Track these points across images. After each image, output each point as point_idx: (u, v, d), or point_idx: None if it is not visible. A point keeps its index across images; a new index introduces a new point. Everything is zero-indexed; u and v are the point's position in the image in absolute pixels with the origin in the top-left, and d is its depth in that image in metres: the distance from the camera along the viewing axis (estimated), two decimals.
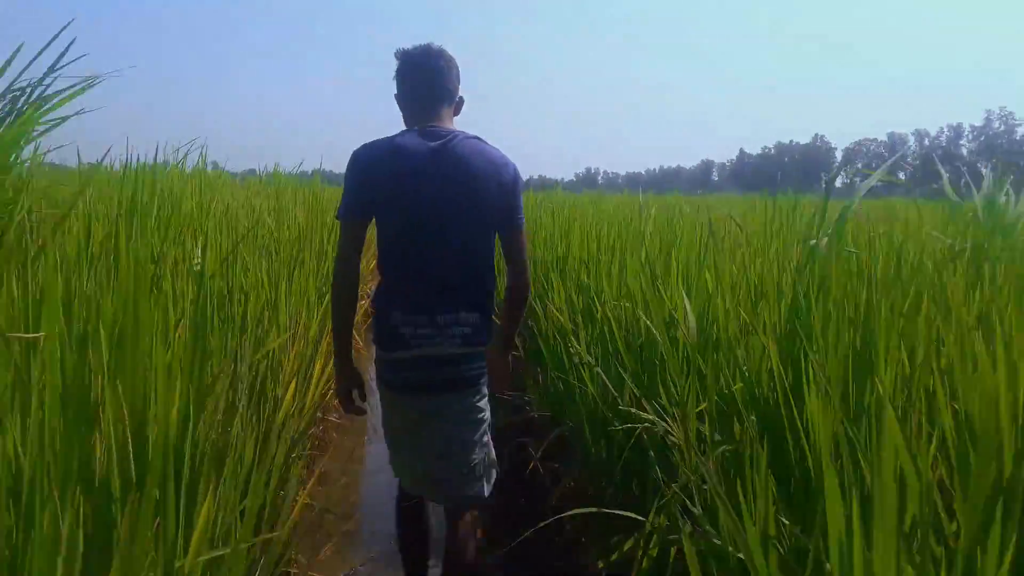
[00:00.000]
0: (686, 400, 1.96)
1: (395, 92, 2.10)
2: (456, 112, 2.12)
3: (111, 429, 1.06)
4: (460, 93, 2.12)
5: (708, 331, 2.14)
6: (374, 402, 2.20)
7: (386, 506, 2.32)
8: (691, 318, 1.91)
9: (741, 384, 1.90)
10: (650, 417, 1.92)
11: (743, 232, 3.12)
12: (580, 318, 2.89)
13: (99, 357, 1.11)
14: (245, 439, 1.47)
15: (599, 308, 2.86)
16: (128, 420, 1.03)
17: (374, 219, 2.03)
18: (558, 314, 2.97)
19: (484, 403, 2.09)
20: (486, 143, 2.06)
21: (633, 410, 2.05)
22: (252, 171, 11.05)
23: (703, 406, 1.94)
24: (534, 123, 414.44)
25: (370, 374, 2.21)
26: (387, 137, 2.02)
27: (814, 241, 1.95)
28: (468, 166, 1.96)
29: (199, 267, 2.67)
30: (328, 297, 2.84)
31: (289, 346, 2.78)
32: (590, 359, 2.46)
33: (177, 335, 1.37)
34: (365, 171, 1.98)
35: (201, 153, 6.38)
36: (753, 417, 1.85)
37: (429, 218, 1.96)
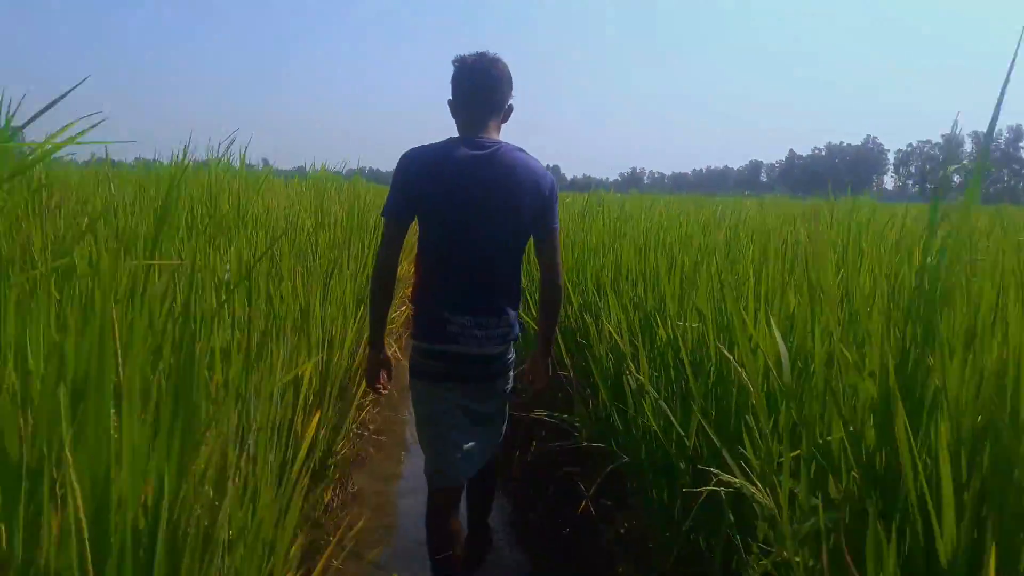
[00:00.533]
0: (771, 449, 1.66)
1: (449, 97, 2.20)
2: (505, 119, 2.23)
3: (71, 513, 0.83)
4: (511, 100, 2.23)
5: (793, 361, 1.84)
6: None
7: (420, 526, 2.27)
8: (784, 356, 1.60)
9: (842, 434, 1.59)
10: (729, 479, 1.61)
11: (833, 248, 2.78)
12: (640, 339, 2.58)
13: (56, 419, 0.87)
14: (254, 497, 1.23)
15: (659, 325, 2.56)
16: (82, 503, 0.79)
17: (416, 219, 2.17)
18: (614, 333, 2.67)
19: (511, 380, 2.32)
20: (527, 154, 2.19)
21: (710, 468, 1.74)
22: (301, 168, 11.02)
23: (789, 454, 1.64)
24: (579, 123, 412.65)
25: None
26: (436, 143, 2.15)
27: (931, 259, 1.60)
28: (509, 176, 2.10)
29: (227, 277, 2.46)
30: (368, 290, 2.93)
31: (321, 365, 2.55)
32: (653, 392, 2.16)
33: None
34: (411, 174, 2.10)
35: (242, 152, 6.27)
36: (855, 474, 1.54)
37: (471, 223, 2.09)
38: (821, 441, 1.65)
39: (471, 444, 2.18)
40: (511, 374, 2.31)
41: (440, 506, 2.19)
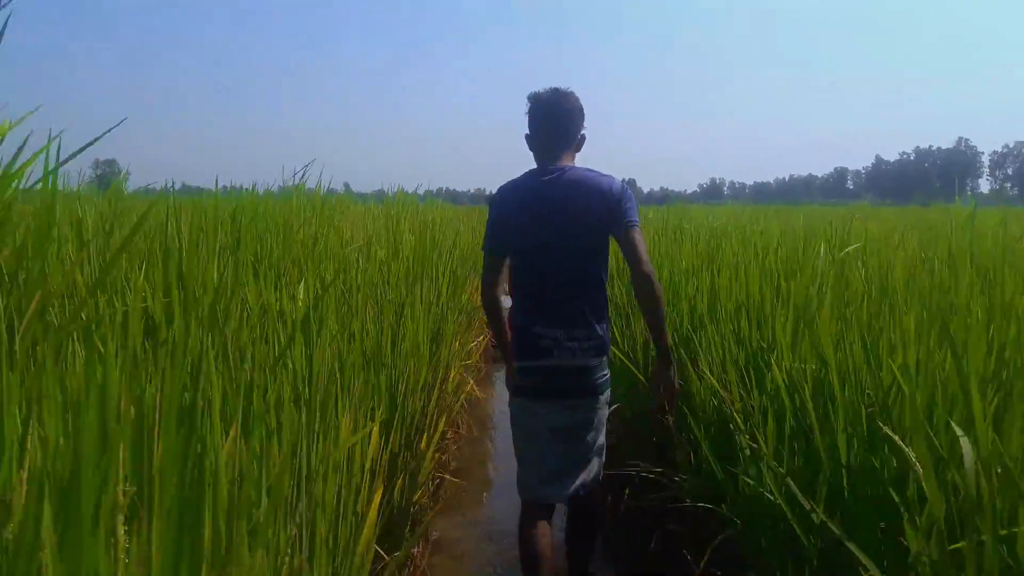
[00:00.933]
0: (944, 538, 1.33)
1: (526, 132, 2.35)
2: (578, 149, 2.37)
3: None
4: (583, 130, 2.35)
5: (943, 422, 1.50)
6: None
7: None
8: (968, 456, 1.27)
9: None
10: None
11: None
12: (747, 383, 2.26)
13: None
14: None
15: (770, 368, 2.23)
16: None
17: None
18: (716, 384, 2.36)
19: (606, 405, 2.34)
20: (595, 171, 2.28)
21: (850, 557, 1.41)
22: (380, 191, 11.00)
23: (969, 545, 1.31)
24: (656, 133, 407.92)
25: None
26: (517, 177, 2.34)
27: None
28: (575, 188, 2.22)
29: None
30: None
31: (395, 416, 2.34)
32: (776, 467, 1.84)
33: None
34: (497, 208, 2.33)
35: (318, 180, 6.22)
36: None
37: (547, 239, 2.22)
38: (1004, 532, 1.32)
39: (561, 463, 2.24)
40: (607, 396, 2.33)
41: (528, 520, 2.22)
